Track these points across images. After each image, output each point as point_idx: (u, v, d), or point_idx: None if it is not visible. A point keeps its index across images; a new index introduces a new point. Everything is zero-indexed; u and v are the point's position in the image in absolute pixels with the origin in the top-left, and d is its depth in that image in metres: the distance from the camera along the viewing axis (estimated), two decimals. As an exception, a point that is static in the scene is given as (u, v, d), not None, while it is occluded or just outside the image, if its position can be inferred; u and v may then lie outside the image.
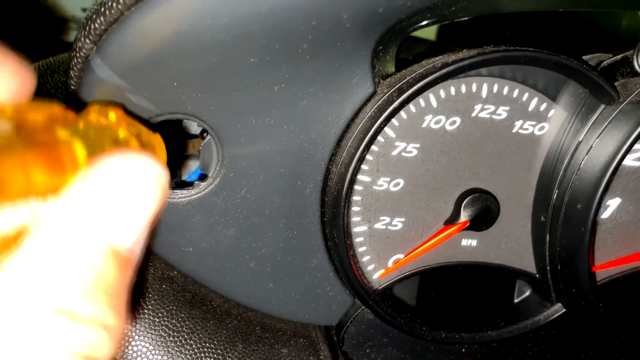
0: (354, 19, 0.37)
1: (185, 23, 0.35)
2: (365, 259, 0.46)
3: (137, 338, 0.41)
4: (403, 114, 0.43)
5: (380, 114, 0.40)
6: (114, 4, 0.34)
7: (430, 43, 0.90)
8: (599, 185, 0.42)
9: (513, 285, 0.52)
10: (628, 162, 0.45)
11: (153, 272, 0.44)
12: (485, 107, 0.44)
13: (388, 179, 0.44)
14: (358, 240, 0.46)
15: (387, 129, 0.43)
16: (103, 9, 0.35)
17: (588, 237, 0.43)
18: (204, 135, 0.43)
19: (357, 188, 0.44)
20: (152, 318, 0.42)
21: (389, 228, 0.46)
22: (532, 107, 0.44)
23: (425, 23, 0.41)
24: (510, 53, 0.41)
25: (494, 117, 0.44)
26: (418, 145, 0.44)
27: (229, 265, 0.45)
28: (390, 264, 0.47)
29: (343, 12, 0.36)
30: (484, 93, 0.43)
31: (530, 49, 0.41)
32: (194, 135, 0.46)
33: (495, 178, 0.46)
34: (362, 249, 0.46)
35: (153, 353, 0.41)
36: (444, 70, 0.40)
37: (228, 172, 0.42)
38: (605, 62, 0.45)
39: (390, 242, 0.46)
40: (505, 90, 0.44)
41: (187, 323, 0.43)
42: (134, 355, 0.41)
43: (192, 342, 0.43)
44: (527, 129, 0.45)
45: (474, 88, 0.43)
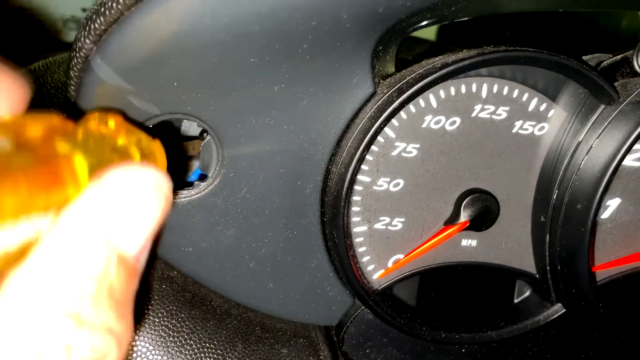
0: (354, 19, 0.37)
1: (185, 23, 0.35)
2: (365, 259, 0.46)
3: (137, 338, 0.41)
4: (403, 114, 0.43)
5: (380, 114, 0.40)
6: (114, 4, 0.34)
7: (430, 43, 0.91)
8: (599, 186, 0.42)
9: (513, 286, 0.52)
10: (628, 162, 0.45)
11: (153, 272, 0.44)
12: (485, 107, 0.44)
13: (388, 179, 0.44)
14: (358, 241, 0.46)
15: (387, 129, 0.43)
16: (103, 9, 0.35)
17: (588, 237, 0.43)
18: (204, 136, 0.43)
19: (357, 188, 0.44)
20: (152, 318, 0.42)
21: (389, 228, 0.46)
22: (532, 107, 0.44)
23: (425, 23, 0.41)
24: (510, 53, 0.41)
25: (494, 117, 0.44)
26: (418, 146, 0.44)
27: (229, 266, 0.45)
28: (390, 264, 0.47)
29: (343, 12, 0.36)
30: (484, 93, 0.43)
31: (530, 49, 0.41)
32: (193, 137, 0.46)
33: (495, 178, 0.46)
34: (362, 249, 0.46)
35: (153, 353, 0.41)
36: (444, 71, 0.40)
37: (228, 172, 0.42)
38: (605, 62, 0.46)
39: (390, 242, 0.46)
40: (505, 91, 0.44)
41: (187, 323, 0.43)
42: (134, 356, 0.41)
43: (192, 342, 0.43)
44: (527, 129, 0.45)
45: (474, 88, 0.43)
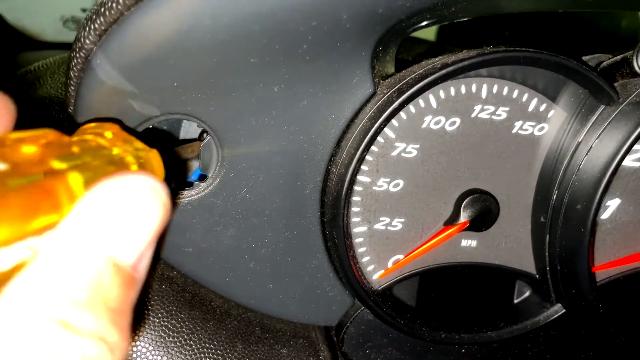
0: (354, 20, 0.37)
1: (185, 23, 0.35)
2: (365, 260, 0.46)
3: (137, 338, 0.41)
4: (403, 115, 0.43)
5: (380, 115, 0.40)
6: (114, 4, 0.34)
7: (430, 44, 0.91)
8: (599, 186, 0.42)
9: (513, 286, 0.52)
10: (628, 162, 0.45)
11: (153, 272, 0.44)
12: (485, 107, 0.44)
13: (388, 180, 0.44)
14: (358, 241, 0.46)
15: (386, 130, 0.43)
16: (103, 9, 0.35)
17: (588, 237, 0.43)
18: (204, 137, 0.43)
19: (356, 189, 0.44)
20: (151, 318, 0.42)
21: (389, 229, 0.46)
22: (531, 107, 0.44)
23: (425, 24, 0.41)
24: (510, 54, 0.41)
25: (494, 117, 0.44)
26: (418, 146, 0.44)
27: (229, 266, 0.45)
28: (390, 265, 0.47)
29: (343, 12, 0.36)
30: (484, 94, 0.43)
31: (530, 50, 0.41)
32: (193, 139, 0.46)
33: (495, 179, 0.46)
34: (361, 250, 0.46)
35: (153, 353, 0.41)
36: (444, 71, 0.40)
37: (228, 172, 0.42)
38: (605, 62, 0.46)
39: (390, 242, 0.46)
40: (505, 91, 0.44)
41: (186, 323, 0.43)
42: (134, 356, 0.41)
43: (191, 342, 0.43)
44: (526, 130, 0.45)
45: (474, 89, 0.43)
